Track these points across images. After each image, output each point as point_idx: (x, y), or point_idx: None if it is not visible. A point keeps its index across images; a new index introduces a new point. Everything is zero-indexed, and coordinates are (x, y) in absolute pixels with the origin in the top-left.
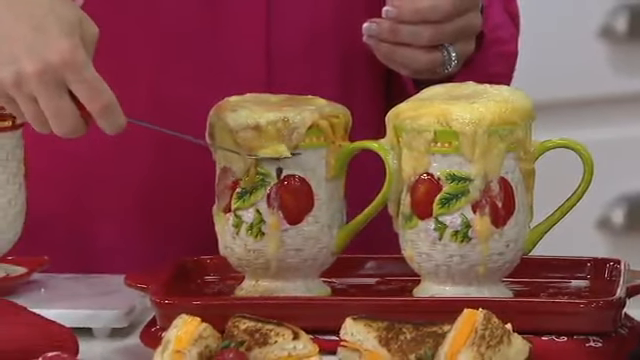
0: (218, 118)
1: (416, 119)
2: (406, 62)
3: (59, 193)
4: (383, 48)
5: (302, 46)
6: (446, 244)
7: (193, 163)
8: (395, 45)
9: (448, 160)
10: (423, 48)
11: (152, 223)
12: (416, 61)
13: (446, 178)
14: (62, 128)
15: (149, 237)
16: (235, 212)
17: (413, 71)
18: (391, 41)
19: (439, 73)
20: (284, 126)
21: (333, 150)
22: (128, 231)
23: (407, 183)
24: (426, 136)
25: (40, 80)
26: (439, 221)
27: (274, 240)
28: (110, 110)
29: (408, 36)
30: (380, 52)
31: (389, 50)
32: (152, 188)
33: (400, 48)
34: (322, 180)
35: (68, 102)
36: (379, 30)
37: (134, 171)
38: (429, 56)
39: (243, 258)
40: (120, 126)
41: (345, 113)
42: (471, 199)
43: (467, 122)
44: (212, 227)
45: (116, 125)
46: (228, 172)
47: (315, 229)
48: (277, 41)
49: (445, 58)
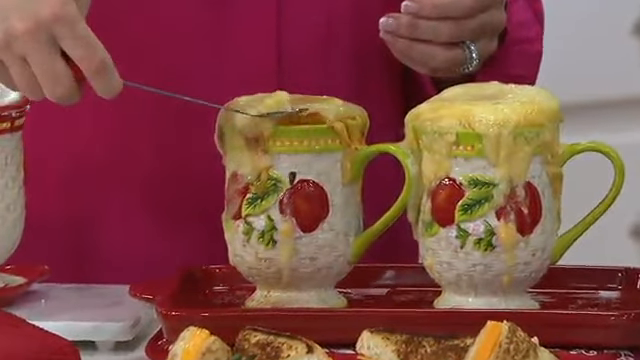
0: (227, 119)
1: (437, 121)
2: (424, 59)
3: (60, 198)
4: (400, 44)
5: (315, 43)
6: (468, 253)
7: (200, 167)
8: (413, 41)
9: (471, 164)
10: (443, 45)
11: (158, 231)
12: (435, 58)
13: (469, 183)
14: (55, 92)
15: (155, 246)
16: (245, 219)
17: (431, 69)
18: (409, 37)
19: (459, 72)
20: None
21: (349, 154)
22: (133, 239)
23: (427, 188)
24: (447, 139)
25: (31, 38)
26: (461, 228)
27: (287, 248)
28: (105, 69)
29: (427, 32)
30: (397, 49)
31: (407, 46)
32: (157, 193)
33: (418, 44)
34: (338, 185)
35: (61, 62)
36: (397, 25)
37: (137, 175)
38: (449, 53)
39: (254, 267)
40: (115, 88)
41: (362, 114)
42: (495, 205)
43: (491, 124)
44: (221, 235)
45: (111, 87)
46: (238, 177)
47: (330, 237)
48: (288, 38)
49: (466, 56)
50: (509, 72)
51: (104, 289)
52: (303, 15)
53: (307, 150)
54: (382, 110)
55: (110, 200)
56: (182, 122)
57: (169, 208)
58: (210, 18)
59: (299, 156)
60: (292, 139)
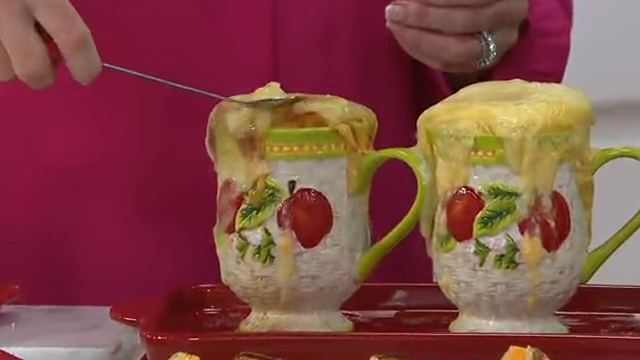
0: (218, 121)
1: (453, 123)
2: (436, 52)
3: (31, 210)
4: (409, 35)
5: (314, 37)
6: (488, 270)
7: (190, 174)
8: (423, 32)
9: (491, 171)
10: (456, 36)
11: (142, 246)
12: (447, 51)
13: (489, 193)
14: (27, 68)
15: (138, 263)
16: (240, 233)
17: (444, 63)
18: (418, 27)
19: (474, 66)
20: None
21: (355, 159)
22: (113, 255)
23: (442, 198)
24: (465, 143)
25: (2, 6)
26: (480, 243)
27: (286, 265)
28: (83, 45)
29: (439, 21)
30: (405, 40)
31: (416, 38)
32: (140, 204)
33: (429, 35)
34: (342, 195)
35: (34, 35)
36: (405, 14)
37: (117, 185)
38: (463, 45)
39: (249, 286)
40: (94, 70)
41: (369, 116)
42: (518, 217)
43: (513, 127)
44: (213, 250)
45: (90, 67)
46: (231, 185)
47: (334, 252)
48: (285, 32)
49: (482, 48)
50: (532, 68)
51: (81, 311)
52: (301, 6)
53: (308, 156)
54: (391, 111)
55: (87, 212)
56: (167, 125)
57: (154, 220)
58: (200, 12)
59: (299, 162)
60: (291, 143)
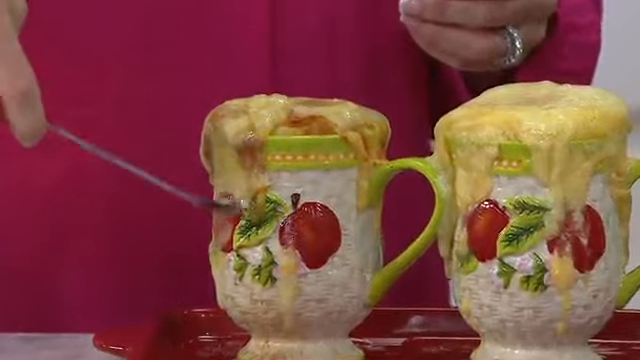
0: (214, 128)
1: (475, 130)
2: (455, 49)
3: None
4: (426, 31)
5: (316, 33)
6: (514, 293)
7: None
8: (442, 27)
9: (516, 183)
10: (478, 31)
11: (128, 266)
12: (468, 48)
13: (514, 207)
14: None
15: (124, 285)
16: (238, 251)
17: (464, 61)
18: (436, 21)
19: (497, 65)
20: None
21: (366, 170)
22: (97, 277)
23: (463, 214)
24: (488, 152)
25: None
26: (505, 263)
27: (289, 288)
28: (28, 99)
29: (459, 15)
30: (422, 36)
31: (434, 33)
32: (127, 222)
33: (448, 31)
34: (352, 210)
35: None
36: (421, 7)
37: (102, 203)
38: (485, 42)
39: (248, 311)
40: (37, 128)
41: (381, 122)
42: (547, 234)
43: (542, 134)
44: (208, 271)
45: (32, 124)
46: (229, 199)
47: (342, 273)
48: (285, 26)
49: (507, 45)
50: (560, 67)
51: (62, 339)
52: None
53: (314, 166)
54: (404, 117)
55: (68, 231)
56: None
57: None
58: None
59: (304, 173)
60: (295, 152)
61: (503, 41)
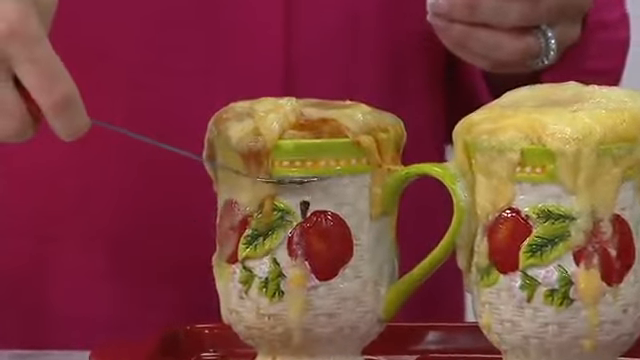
0: (218, 132)
1: (496, 134)
2: (486, 51)
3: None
4: (455, 31)
5: (333, 32)
6: (538, 308)
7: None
8: (472, 27)
9: (540, 191)
10: (510, 31)
11: (127, 278)
12: (500, 49)
13: (538, 216)
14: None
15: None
16: (244, 263)
17: (495, 63)
18: (466, 21)
19: (530, 66)
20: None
21: (380, 177)
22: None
23: (483, 223)
24: (510, 157)
25: None
26: (528, 276)
27: (297, 302)
28: (68, 105)
29: (491, 14)
30: (450, 37)
31: (463, 34)
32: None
33: (479, 31)
34: (364, 218)
35: (12, 90)
36: (450, 5)
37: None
38: (518, 42)
39: (255, 326)
40: (80, 128)
41: (396, 125)
42: (573, 245)
43: (567, 138)
44: (212, 284)
45: (75, 127)
46: (234, 207)
47: (354, 286)
48: (300, 22)
49: (540, 45)
50: (588, 66)
51: (56, 356)
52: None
53: (324, 172)
54: (421, 120)
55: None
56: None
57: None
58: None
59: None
60: (304, 157)
61: (537, 41)
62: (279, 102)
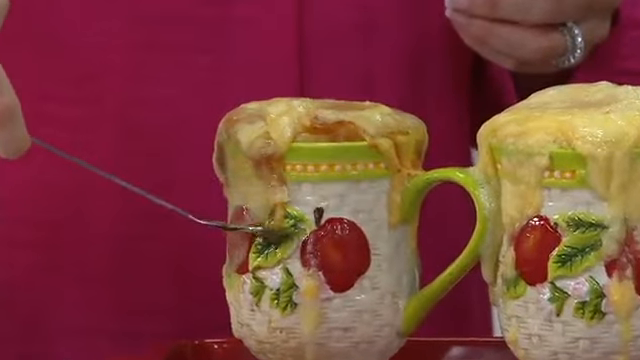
0: (228, 135)
1: (523, 137)
2: (509, 48)
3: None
4: (476, 28)
5: (349, 27)
6: (568, 322)
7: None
8: (494, 23)
9: (570, 197)
10: (535, 28)
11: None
12: (524, 47)
13: (567, 224)
14: None
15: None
16: (254, 273)
17: (518, 61)
18: (488, 17)
19: (555, 65)
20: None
21: (399, 182)
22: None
23: (509, 232)
24: (538, 162)
25: None
26: (557, 288)
27: (311, 314)
28: (7, 118)
29: (514, 10)
30: (471, 34)
31: (485, 31)
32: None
33: (501, 27)
34: (383, 226)
35: None
36: (470, 1)
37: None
38: (543, 40)
39: (266, 341)
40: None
41: (418, 127)
42: (605, 255)
43: (599, 141)
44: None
45: (14, 143)
46: (244, 214)
47: (372, 298)
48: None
49: (566, 43)
50: (620, 66)
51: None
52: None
53: (340, 177)
54: (444, 122)
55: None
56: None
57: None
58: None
59: (328, 186)
60: (318, 162)
61: (562, 39)
62: (292, 104)
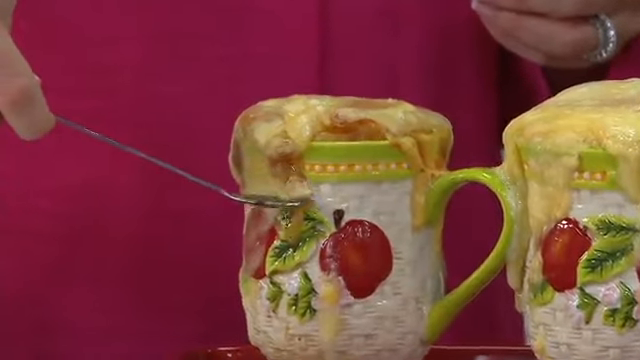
0: (245, 133)
1: (551, 136)
2: (538, 42)
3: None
4: (503, 20)
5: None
6: (598, 329)
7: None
8: (522, 15)
9: (600, 199)
10: (565, 20)
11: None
12: (553, 40)
13: (597, 227)
14: None
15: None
16: (271, 277)
17: (547, 55)
18: (516, 9)
19: (586, 60)
20: None
21: (422, 183)
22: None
23: (537, 235)
24: (566, 162)
25: None
26: (586, 294)
27: (331, 321)
28: (26, 101)
29: (543, 1)
30: (498, 26)
31: (512, 23)
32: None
33: (530, 20)
34: (406, 229)
35: None
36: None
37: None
38: (573, 32)
39: (284, 348)
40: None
41: (443, 126)
42: (636, 260)
43: (631, 140)
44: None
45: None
46: (261, 216)
47: (394, 304)
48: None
49: (598, 36)
50: None
51: None
52: None
53: (360, 178)
54: (472, 120)
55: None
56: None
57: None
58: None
59: (348, 186)
60: (338, 162)
61: (594, 32)
62: (311, 102)
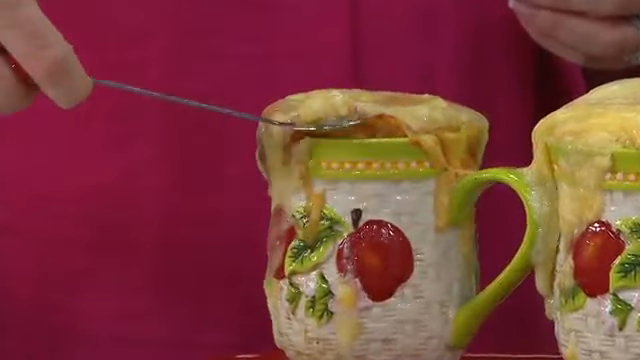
0: (265, 127)
1: (582, 136)
2: (577, 42)
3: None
4: (541, 19)
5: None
6: (631, 337)
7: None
8: (561, 14)
9: (634, 201)
10: (605, 20)
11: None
12: (593, 40)
13: (631, 230)
14: None
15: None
16: (290, 279)
17: (586, 56)
18: (554, 8)
19: (627, 61)
20: None
21: (446, 182)
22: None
23: (568, 238)
24: (598, 163)
25: None
26: (620, 300)
27: (348, 324)
28: (61, 71)
29: (582, 0)
30: (536, 26)
31: (551, 22)
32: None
33: (569, 19)
34: (428, 230)
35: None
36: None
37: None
38: (614, 33)
39: (304, 352)
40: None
41: (473, 123)
42: None
43: None
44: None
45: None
46: (282, 215)
47: (415, 308)
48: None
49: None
50: None
51: None
52: None
53: (379, 176)
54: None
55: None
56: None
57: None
58: None
59: (366, 185)
60: (356, 159)
61: (635, 32)
62: (329, 93)
